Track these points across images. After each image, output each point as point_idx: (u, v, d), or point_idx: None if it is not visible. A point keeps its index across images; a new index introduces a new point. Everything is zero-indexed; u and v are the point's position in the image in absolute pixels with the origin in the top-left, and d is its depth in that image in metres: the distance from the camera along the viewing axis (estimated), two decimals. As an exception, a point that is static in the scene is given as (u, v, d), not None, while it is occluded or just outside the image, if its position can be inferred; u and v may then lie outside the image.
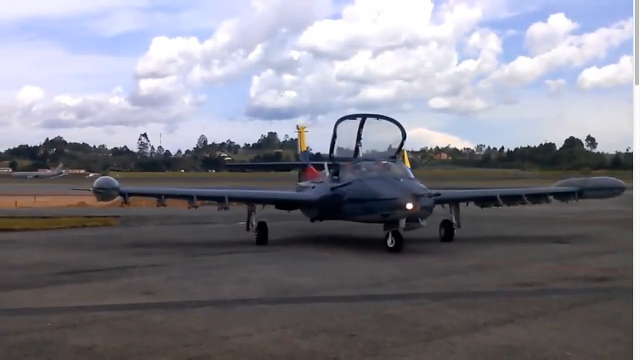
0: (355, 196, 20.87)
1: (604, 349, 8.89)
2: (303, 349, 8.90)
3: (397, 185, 19.84)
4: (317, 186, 24.68)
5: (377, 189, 19.95)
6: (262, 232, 22.61)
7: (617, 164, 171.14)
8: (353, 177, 21.52)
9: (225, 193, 24.14)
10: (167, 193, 24.66)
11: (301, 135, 35.35)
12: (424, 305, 12.03)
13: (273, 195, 26.60)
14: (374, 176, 20.89)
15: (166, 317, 11.01)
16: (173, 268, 16.94)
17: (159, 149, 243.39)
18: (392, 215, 19.13)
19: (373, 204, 19.84)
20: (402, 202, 18.77)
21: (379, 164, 21.87)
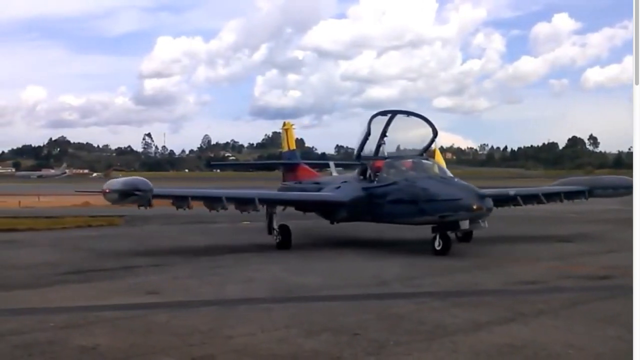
0: (403, 197, 19.62)
1: (605, 347, 8.95)
2: (306, 348, 8.94)
3: (457, 185, 19.10)
4: (342, 186, 22.88)
5: (435, 189, 18.82)
6: (285, 236, 21.27)
7: (620, 163, 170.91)
8: (397, 176, 20.36)
9: (255, 194, 22.29)
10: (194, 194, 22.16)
11: (289, 132, 32.70)
12: (428, 304, 12.07)
13: (301, 197, 24.60)
14: (425, 176, 19.81)
15: (170, 316, 11.06)
16: (178, 268, 16.99)
17: (163, 148, 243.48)
18: (454, 216, 18.11)
19: (429, 205, 18.64)
20: (468, 202, 17.83)
21: (421, 162, 20.92)
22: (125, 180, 20.04)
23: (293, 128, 33.17)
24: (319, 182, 26.77)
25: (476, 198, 17.98)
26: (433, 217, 18.62)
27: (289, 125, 33.05)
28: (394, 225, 21.40)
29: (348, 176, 24.38)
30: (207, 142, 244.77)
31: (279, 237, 21.16)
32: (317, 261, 18.23)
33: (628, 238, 18.07)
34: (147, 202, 20.05)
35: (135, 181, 19.63)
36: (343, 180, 23.89)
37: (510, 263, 17.36)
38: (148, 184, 19.39)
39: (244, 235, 25.98)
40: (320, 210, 23.45)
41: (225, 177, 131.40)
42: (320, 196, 23.41)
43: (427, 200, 18.73)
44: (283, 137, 33.00)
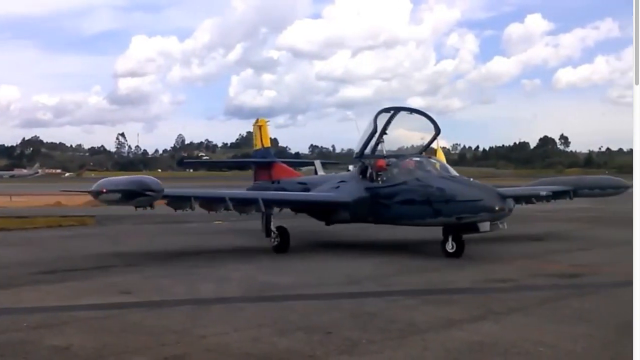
0: (415, 197, 18.71)
1: (575, 344, 9.06)
2: (280, 347, 8.99)
3: (476, 185, 18.69)
4: (341, 186, 21.70)
5: (453, 189, 18.05)
6: (283, 239, 20.14)
7: (590, 163, 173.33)
8: (406, 176, 19.44)
9: (258, 195, 21.12)
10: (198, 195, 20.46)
11: (263, 129, 30.81)
12: (400, 302, 12.16)
13: (307, 198, 22.66)
14: (437, 175, 19.13)
15: (144, 316, 11.07)
16: (151, 267, 16.92)
17: (136, 148, 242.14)
18: (474, 218, 17.45)
19: (446, 206, 17.85)
20: (490, 203, 17.21)
21: (430, 162, 20.17)
22: (132, 179, 18.48)
23: (267, 125, 31.58)
24: (304, 181, 25.79)
25: (498, 199, 17.48)
26: (449, 218, 17.90)
27: (263, 122, 31.44)
28: (374, 226, 21.29)
29: (344, 175, 23.59)
30: (181, 141, 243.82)
31: (277, 240, 20.09)
32: (291, 260, 18.25)
33: (596, 236, 18.32)
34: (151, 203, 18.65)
35: (147, 180, 18.09)
36: (340, 179, 22.78)
37: (482, 261, 17.52)
38: (159, 183, 18.05)
39: (217, 234, 25.97)
40: (319, 211, 22.02)
41: (199, 176, 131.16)
42: (325, 197, 21.82)
43: (444, 201, 17.93)
44: (255, 134, 31.12)
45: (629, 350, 8.73)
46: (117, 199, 17.95)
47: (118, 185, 18.03)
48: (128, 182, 18.07)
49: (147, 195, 17.58)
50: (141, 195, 17.55)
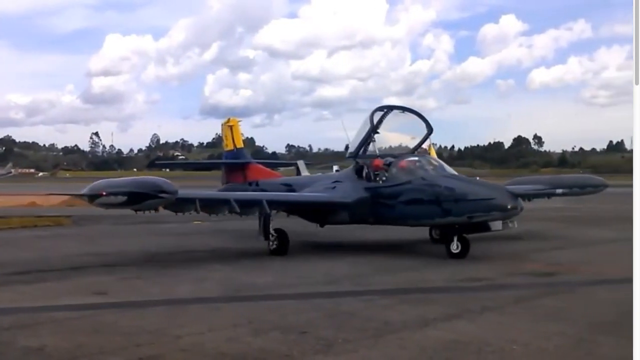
0: (422, 197, 18.31)
1: (549, 342, 9.13)
2: (255, 346, 8.97)
3: (485, 184, 18.57)
4: (337, 186, 21.00)
5: (463, 188, 17.80)
6: (282, 241, 19.40)
7: (564, 162, 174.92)
8: (409, 175, 19.02)
9: (262, 196, 20.29)
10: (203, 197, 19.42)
11: (234, 129, 29.80)
12: (377, 302, 12.20)
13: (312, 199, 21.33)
14: (443, 174, 18.88)
15: (118, 316, 11.00)
16: (126, 268, 16.83)
17: (110, 147, 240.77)
18: (485, 217, 17.24)
19: (456, 205, 17.53)
20: (502, 202, 17.03)
21: (432, 161, 19.98)
22: (140, 180, 17.39)
23: (239, 124, 30.66)
24: (288, 182, 25.12)
25: (510, 197, 17.33)
26: (460, 218, 17.57)
27: (235, 121, 30.41)
28: (357, 226, 21.14)
29: (337, 175, 22.96)
30: (156, 141, 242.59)
31: (276, 243, 19.30)
32: (267, 260, 18.24)
33: (572, 235, 18.45)
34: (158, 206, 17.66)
35: (158, 181, 16.89)
36: (334, 180, 21.99)
37: (457, 260, 17.60)
38: (172, 184, 16.93)
39: (196, 234, 25.88)
40: (316, 212, 21.10)
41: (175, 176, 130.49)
42: (328, 197, 20.77)
43: (454, 200, 17.62)
44: (226, 135, 29.90)
45: (601, 348, 8.88)
46: (120, 202, 16.67)
47: (123, 187, 16.79)
48: (136, 183, 16.96)
49: (159, 197, 16.53)
50: (153, 197, 16.48)
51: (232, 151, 29.42)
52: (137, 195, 16.45)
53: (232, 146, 29.41)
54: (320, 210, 20.82)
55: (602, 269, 16.42)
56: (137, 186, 16.69)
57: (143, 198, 16.46)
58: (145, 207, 17.24)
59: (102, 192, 16.55)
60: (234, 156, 29.23)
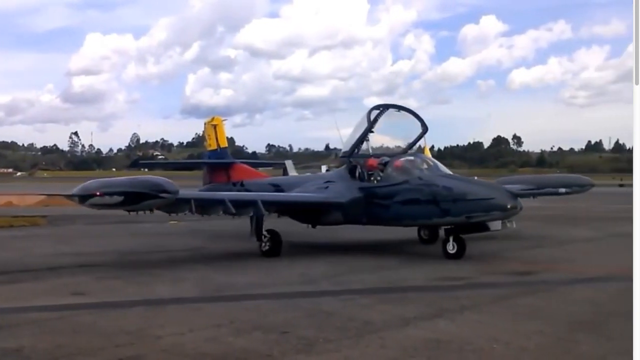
0: (419, 197, 17.99)
1: (528, 341, 9.17)
2: (236, 346, 8.93)
3: (483, 183, 18.40)
4: (330, 186, 20.59)
5: (462, 188, 17.58)
6: (275, 242, 18.94)
7: (542, 162, 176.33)
8: (406, 175, 18.69)
9: (258, 197, 19.67)
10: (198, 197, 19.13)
11: (219, 128, 29.07)
12: (356, 301, 12.19)
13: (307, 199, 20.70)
14: (440, 174, 18.61)
15: (97, 317, 10.91)
16: (104, 268, 16.72)
17: (89, 147, 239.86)
18: (485, 217, 17.00)
19: (455, 205, 17.27)
20: (502, 202, 16.85)
21: (428, 160, 19.55)
22: (138, 179, 16.74)
23: (223, 123, 29.83)
24: (276, 183, 24.51)
25: (509, 197, 17.17)
26: (458, 218, 17.34)
27: (219, 120, 29.61)
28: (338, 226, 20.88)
29: (329, 175, 22.36)
30: (136, 140, 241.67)
31: (269, 244, 18.86)
32: (245, 260, 18.19)
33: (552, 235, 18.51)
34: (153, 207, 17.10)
35: (158, 180, 16.34)
36: (326, 180, 21.49)
37: (436, 259, 17.65)
38: (173, 183, 16.38)
39: (173, 234, 25.78)
40: (309, 213, 20.55)
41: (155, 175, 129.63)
42: (324, 198, 20.24)
43: (452, 200, 17.35)
44: (209, 134, 29.19)
45: (580, 346, 8.93)
46: (116, 202, 16.04)
47: (119, 187, 16.19)
48: (135, 183, 16.32)
49: (160, 197, 16.01)
50: (153, 197, 15.98)
51: (216, 151, 28.76)
52: (136, 195, 15.92)
53: (216, 145, 28.78)
54: (314, 210, 20.36)
55: (581, 267, 16.54)
56: (136, 186, 16.12)
57: (142, 198, 15.96)
58: (143, 208, 16.84)
59: (96, 193, 15.94)
60: (218, 156, 28.59)
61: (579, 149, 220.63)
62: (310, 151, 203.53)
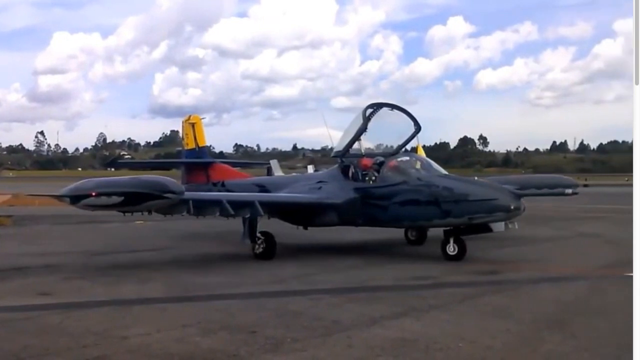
0: (419, 197, 17.60)
1: (494, 339, 9.26)
2: (203, 347, 8.92)
3: (485, 184, 18.01)
4: (323, 187, 20.00)
5: (463, 189, 17.24)
6: (269, 245, 18.31)
7: (508, 162, 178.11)
8: (404, 175, 18.33)
9: (255, 197, 19.03)
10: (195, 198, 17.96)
11: (197, 126, 28.29)
12: (324, 301, 12.22)
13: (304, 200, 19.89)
14: (440, 174, 18.39)
15: (63, 317, 10.82)
16: (70, 268, 16.56)
17: (56, 146, 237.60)
18: (488, 218, 16.73)
19: (457, 206, 16.94)
20: (505, 203, 16.55)
21: (426, 160, 19.25)
22: (140, 179, 16.10)
23: (202, 121, 28.94)
24: (261, 183, 23.65)
25: (512, 197, 16.86)
26: (460, 219, 17.04)
27: (197, 118, 28.78)
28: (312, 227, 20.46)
29: (320, 175, 21.52)
30: (103, 140, 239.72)
31: (263, 246, 18.26)
32: (213, 260, 18.16)
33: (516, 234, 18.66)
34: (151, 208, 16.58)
35: (162, 180, 15.86)
36: (318, 180, 20.79)
37: (403, 259, 17.79)
38: (178, 183, 16.04)
39: (139, 234, 25.60)
40: (301, 214, 19.81)
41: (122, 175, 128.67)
42: (317, 199, 19.53)
43: (454, 201, 17.01)
44: (186, 133, 28.29)
45: (546, 344, 9.04)
46: (114, 203, 15.48)
47: (119, 187, 15.59)
48: (137, 183, 15.76)
49: (164, 198, 15.53)
50: (157, 198, 15.46)
51: (194, 150, 28.05)
52: (139, 195, 15.40)
53: (194, 145, 28.08)
54: (308, 211, 19.63)
55: (546, 266, 16.74)
56: (138, 186, 15.57)
57: (145, 199, 15.46)
58: (144, 209, 16.38)
59: (92, 193, 15.32)
60: (196, 155, 27.90)
61: (544, 150, 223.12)
62: (278, 151, 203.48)
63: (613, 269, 16.37)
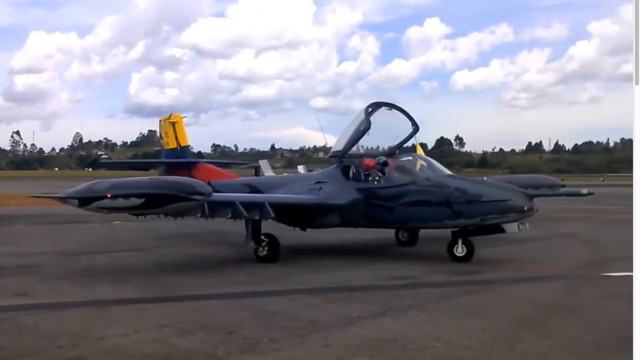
0: (430, 198, 17.21)
1: (470, 339, 9.33)
2: (181, 347, 8.91)
3: (497, 185, 17.65)
4: (323, 187, 19.29)
5: (476, 189, 16.96)
6: (273, 247, 17.70)
7: (484, 163, 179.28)
8: (410, 176, 17.98)
9: (265, 198, 18.29)
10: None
11: (178, 125, 27.57)
12: (303, 301, 12.26)
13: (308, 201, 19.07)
14: (447, 174, 18.18)
15: (40, 318, 10.74)
16: (47, 268, 16.40)
17: (32, 146, 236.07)
18: (501, 219, 16.51)
19: (469, 207, 16.65)
20: (519, 203, 16.36)
21: (430, 161, 18.83)
22: (167, 180, 15.69)
23: (183, 120, 28.22)
24: (251, 183, 22.55)
25: (525, 198, 16.64)
26: (472, 220, 16.76)
27: (178, 117, 27.99)
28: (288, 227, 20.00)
29: (318, 175, 20.69)
30: (79, 140, 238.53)
31: (267, 249, 17.64)
32: (191, 260, 18.11)
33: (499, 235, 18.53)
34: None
35: (191, 182, 15.29)
36: (316, 180, 20.02)
37: (381, 259, 17.83)
38: (205, 184, 15.36)
39: (116, 234, 25.46)
40: (302, 215, 19.05)
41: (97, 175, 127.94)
42: (322, 199, 18.73)
43: (466, 202, 16.71)
44: (167, 132, 27.63)
45: (522, 344, 9.12)
46: (133, 205, 14.59)
47: (139, 189, 14.72)
48: (163, 184, 15.11)
49: (192, 200, 14.81)
50: (183, 200, 14.70)
51: (175, 149, 27.37)
52: (163, 197, 14.62)
53: (176, 144, 27.39)
54: (310, 212, 18.89)
55: (523, 266, 16.86)
56: (164, 187, 14.85)
57: (169, 201, 14.67)
58: (167, 211, 15.69)
59: (108, 194, 14.41)
60: (178, 155, 27.21)
61: (520, 150, 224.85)
62: (256, 151, 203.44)
63: (589, 269, 16.52)
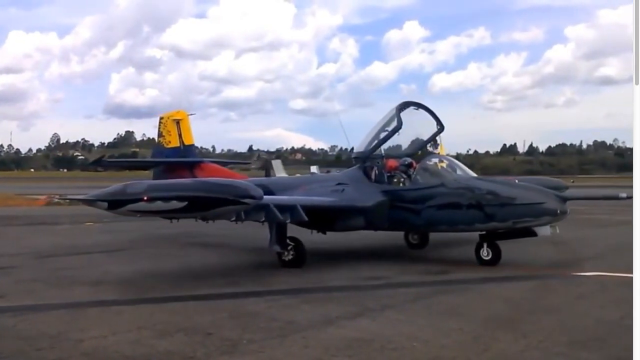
0: (461, 201, 16.72)
1: (448, 338, 9.44)
2: (159, 349, 8.92)
3: (529, 187, 17.08)
4: (346, 189, 18.58)
5: (508, 192, 16.47)
6: (299, 252, 16.95)
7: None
8: (439, 178, 17.44)
9: (296, 201, 17.29)
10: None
11: (183, 123, 26.47)
12: (280, 302, 12.29)
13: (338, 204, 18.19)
14: (474, 177, 17.76)
15: (17, 320, 10.69)
16: (22, 270, 16.29)
17: (8, 147, 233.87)
18: (534, 222, 16.10)
19: (501, 210, 16.20)
20: (553, 206, 15.97)
21: (455, 162, 18.46)
22: (215, 182, 14.74)
23: (189, 118, 27.07)
24: (264, 184, 20.24)
25: (558, 201, 16.24)
26: (505, 223, 16.33)
27: (184, 114, 26.89)
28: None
29: (338, 176, 19.99)
30: (56, 140, 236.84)
31: (292, 253, 16.84)
32: (167, 261, 18.08)
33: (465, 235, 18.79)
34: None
35: (243, 184, 14.42)
36: (337, 182, 19.22)
37: (355, 260, 17.90)
38: (257, 188, 14.51)
39: (90, 236, 25.30)
40: (323, 218, 17.99)
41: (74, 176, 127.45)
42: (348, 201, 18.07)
43: (499, 205, 16.25)
44: (169, 130, 26.61)
45: (498, 343, 9.24)
46: (173, 208, 13.78)
47: (183, 191, 13.83)
48: (210, 186, 14.16)
49: (242, 203, 13.99)
50: (232, 203, 13.90)
51: (178, 148, 26.36)
52: (210, 200, 13.73)
53: (179, 142, 26.39)
54: (334, 215, 18.12)
55: (497, 266, 16.95)
56: (212, 190, 13.87)
57: (217, 204, 13.82)
58: (211, 215, 15.34)
59: (144, 197, 13.48)
60: (181, 154, 26.26)
61: (495, 152, 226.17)
62: (233, 152, 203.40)
63: (561, 269, 16.71)
